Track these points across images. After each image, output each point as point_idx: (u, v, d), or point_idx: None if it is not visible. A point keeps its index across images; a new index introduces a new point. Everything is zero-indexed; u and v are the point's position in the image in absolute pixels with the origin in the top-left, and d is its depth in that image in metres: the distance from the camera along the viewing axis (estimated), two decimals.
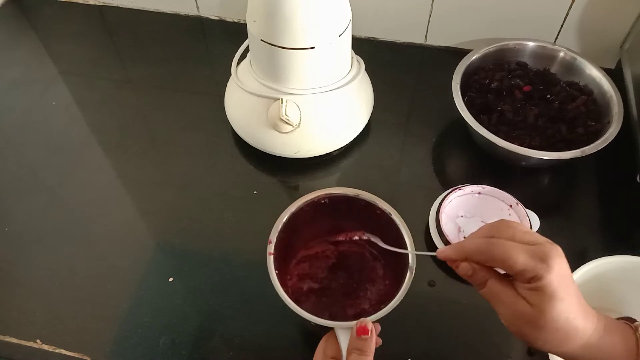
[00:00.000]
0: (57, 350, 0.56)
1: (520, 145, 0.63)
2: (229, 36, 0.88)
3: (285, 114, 0.63)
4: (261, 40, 0.61)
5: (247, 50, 0.69)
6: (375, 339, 0.42)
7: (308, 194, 0.52)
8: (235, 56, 0.72)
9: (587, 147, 0.62)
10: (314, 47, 0.60)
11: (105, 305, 0.59)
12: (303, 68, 0.62)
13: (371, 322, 0.43)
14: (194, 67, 0.84)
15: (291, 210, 0.52)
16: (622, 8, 0.73)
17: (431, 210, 0.64)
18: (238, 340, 0.57)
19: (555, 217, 0.66)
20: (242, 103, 0.69)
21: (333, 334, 0.45)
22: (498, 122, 0.68)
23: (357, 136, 0.71)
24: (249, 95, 0.67)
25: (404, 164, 0.72)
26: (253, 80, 0.67)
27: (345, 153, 0.72)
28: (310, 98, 0.65)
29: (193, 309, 0.59)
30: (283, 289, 0.47)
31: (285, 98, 0.63)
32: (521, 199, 0.62)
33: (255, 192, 0.68)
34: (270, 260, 0.48)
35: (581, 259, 0.52)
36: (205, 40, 0.90)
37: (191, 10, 0.91)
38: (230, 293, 0.60)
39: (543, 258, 0.36)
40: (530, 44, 0.74)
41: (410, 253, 0.49)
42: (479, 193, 0.64)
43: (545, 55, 0.74)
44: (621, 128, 0.64)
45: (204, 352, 0.56)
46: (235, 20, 0.91)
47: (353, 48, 0.69)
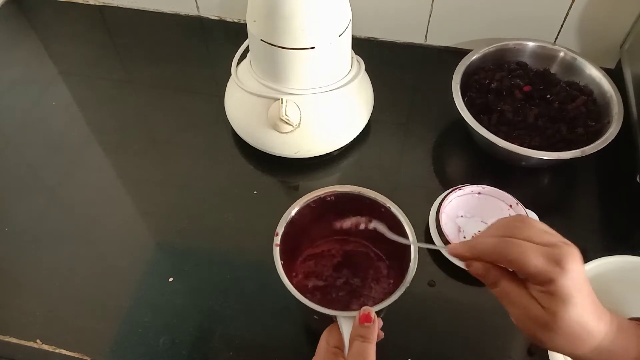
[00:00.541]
0: (57, 350, 0.56)
1: (520, 145, 0.63)
2: (229, 36, 0.88)
3: (285, 114, 0.63)
4: (261, 40, 0.61)
5: (247, 50, 0.69)
6: (377, 328, 0.42)
7: (314, 191, 0.52)
8: (235, 56, 0.72)
9: (587, 147, 0.62)
10: (314, 47, 0.60)
11: (105, 305, 0.59)
12: (303, 68, 0.62)
13: (374, 311, 0.43)
14: (194, 67, 0.84)
15: (298, 206, 0.52)
16: (622, 8, 0.73)
17: (431, 211, 0.64)
18: (238, 340, 0.57)
19: (555, 217, 0.66)
20: (242, 103, 0.69)
21: (335, 326, 0.45)
22: (498, 122, 0.68)
23: (357, 136, 0.71)
24: (249, 95, 0.67)
25: (404, 164, 0.72)
26: (253, 80, 0.67)
27: (345, 153, 0.72)
28: (310, 98, 0.65)
29: (193, 309, 0.59)
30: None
31: (285, 98, 0.63)
32: (521, 199, 0.62)
33: (255, 192, 0.68)
34: (277, 252, 0.48)
35: None
36: (205, 40, 0.90)
37: (191, 10, 0.91)
38: (230, 293, 0.60)
39: (558, 261, 0.35)
40: (530, 44, 0.74)
41: (415, 245, 0.48)
42: (479, 193, 0.64)
43: (545, 55, 0.74)
44: (621, 128, 0.64)
45: (204, 352, 0.56)
46: (235, 20, 0.91)
47: (353, 48, 0.69)
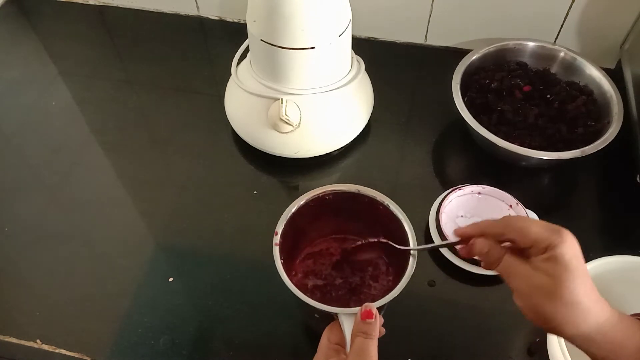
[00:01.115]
0: (57, 350, 0.56)
1: (520, 145, 0.63)
2: (229, 36, 0.88)
3: (285, 114, 0.63)
4: (261, 40, 0.61)
5: (247, 50, 0.69)
6: (379, 324, 0.43)
7: (312, 190, 0.53)
8: (235, 56, 0.72)
9: (587, 147, 0.62)
10: (314, 47, 0.60)
11: (105, 305, 0.59)
12: (303, 68, 0.62)
13: (375, 308, 0.43)
14: (194, 67, 0.84)
15: (296, 205, 0.52)
16: (622, 8, 0.73)
17: (431, 210, 0.64)
18: (238, 340, 0.57)
19: (555, 217, 0.65)
20: (242, 103, 0.69)
21: (336, 323, 0.45)
22: (498, 122, 0.68)
23: (357, 136, 0.71)
24: (249, 95, 0.67)
25: (404, 164, 0.72)
26: (253, 80, 0.67)
27: (345, 153, 0.72)
28: (310, 98, 0.65)
29: (193, 309, 0.59)
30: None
31: (285, 98, 0.63)
32: (521, 199, 0.62)
33: (255, 192, 0.68)
34: (276, 251, 0.48)
35: None
36: (205, 40, 0.90)
37: (191, 10, 0.91)
38: (230, 293, 0.60)
39: (557, 230, 0.37)
40: (530, 44, 0.74)
41: (423, 249, 0.48)
42: (479, 193, 0.64)
43: (545, 55, 0.74)
44: (621, 128, 0.64)
45: (204, 352, 0.56)
46: (235, 20, 0.91)
47: (353, 48, 0.69)
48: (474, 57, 0.72)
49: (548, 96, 0.71)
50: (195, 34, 0.90)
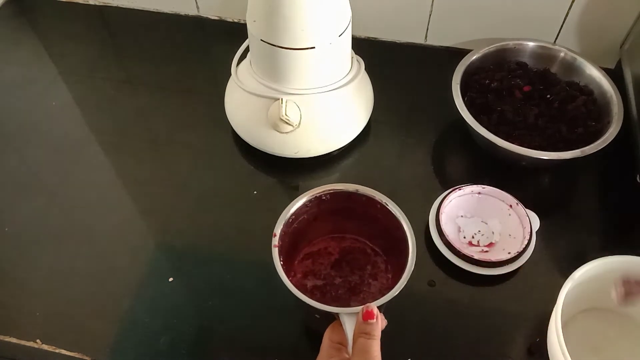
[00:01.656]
0: (57, 350, 0.56)
1: (520, 145, 0.63)
2: (229, 36, 0.88)
3: (285, 114, 0.63)
4: (261, 40, 0.61)
5: (247, 50, 0.69)
6: (381, 323, 0.43)
7: (310, 191, 0.53)
8: (235, 56, 0.72)
9: (587, 147, 0.62)
10: (314, 47, 0.60)
11: (105, 305, 0.59)
12: (303, 68, 0.62)
13: (376, 307, 0.43)
14: (194, 67, 0.84)
15: (294, 206, 0.52)
16: (622, 8, 0.73)
17: (431, 211, 0.64)
18: (238, 340, 0.57)
19: (555, 217, 0.66)
20: (242, 103, 0.69)
21: (337, 323, 0.45)
22: (498, 122, 0.68)
23: (357, 136, 0.71)
24: (249, 95, 0.67)
25: (404, 164, 0.72)
26: (253, 80, 0.67)
27: (345, 153, 0.72)
28: (310, 98, 0.65)
29: (193, 309, 0.59)
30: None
31: (285, 98, 0.63)
32: (521, 199, 0.62)
33: (255, 192, 0.68)
34: (275, 252, 0.49)
35: (581, 259, 0.52)
36: (205, 40, 0.90)
37: (191, 10, 0.91)
38: (230, 293, 0.60)
39: None
40: (530, 44, 0.74)
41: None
42: (479, 193, 0.64)
43: (545, 55, 0.74)
44: (621, 128, 0.64)
45: (204, 352, 0.56)
46: (235, 20, 0.91)
47: (353, 48, 0.69)
48: (474, 57, 0.72)
49: (548, 96, 0.71)
50: (195, 34, 0.90)
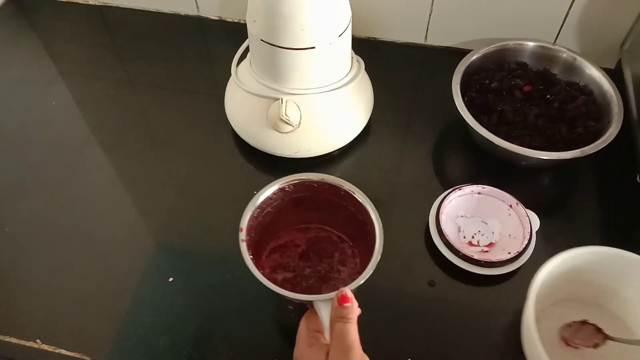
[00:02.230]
0: (57, 350, 0.56)
1: (520, 145, 0.63)
2: (229, 36, 0.88)
3: (285, 114, 0.63)
4: (261, 40, 0.61)
5: (247, 50, 0.69)
6: (356, 306, 0.43)
7: (273, 182, 0.54)
8: (235, 56, 0.72)
9: (587, 147, 0.62)
10: (314, 47, 0.60)
11: (105, 305, 0.59)
12: (303, 68, 0.62)
13: (350, 291, 0.44)
14: (194, 67, 0.84)
15: (259, 199, 0.53)
16: (622, 8, 0.73)
17: (431, 211, 0.64)
18: (238, 340, 0.57)
19: (555, 217, 0.66)
20: (242, 103, 0.69)
21: (312, 312, 0.46)
22: (498, 122, 0.68)
23: (357, 136, 0.71)
24: (249, 95, 0.67)
25: (404, 164, 0.72)
26: (253, 80, 0.67)
27: (345, 153, 0.72)
28: (310, 98, 0.65)
29: (193, 309, 0.59)
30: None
31: (285, 98, 0.63)
32: (521, 199, 0.62)
33: (255, 192, 0.68)
34: (244, 247, 0.50)
35: None
36: (205, 40, 0.90)
37: (191, 10, 0.91)
38: (230, 293, 0.60)
39: None
40: (530, 44, 0.74)
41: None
42: (479, 193, 0.64)
43: (545, 55, 0.74)
44: (621, 128, 0.64)
45: (204, 352, 0.56)
46: (235, 20, 0.91)
47: (353, 48, 0.69)
48: (474, 57, 0.72)
49: (548, 96, 0.71)
50: (195, 34, 0.90)
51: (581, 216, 0.66)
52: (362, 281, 0.47)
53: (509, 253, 0.59)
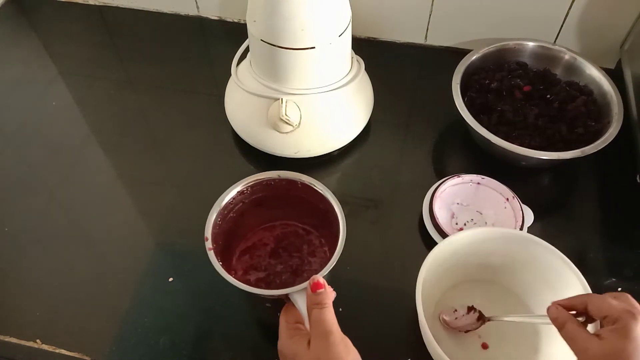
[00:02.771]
0: (57, 350, 0.56)
1: (520, 145, 0.63)
2: (229, 36, 0.88)
3: (285, 114, 0.63)
4: (261, 40, 0.61)
5: (247, 50, 0.69)
6: (330, 291, 0.44)
7: (229, 188, 0.55)
8: (235, 56, 0.72)
9: (587, 147, 0.62)
10: (314, 47, 0.60)
11: (105, 305, 0.59)
12: (303, 68, 0.62)
13: (322, 277, 0.44)
14: (194, 67, 0.84)
15: (219, 206, 0.54)
16: (622, 8, 0.73)
17: (427, 193, 0.65)
18: (238, 340, 0.57)
19: (555, 217, 0.66)
20: (242, 103, 0.69)
21: (289, 305, 0.47)
22: (498, 122, 0.68)
23: (357, 136, 0.71)
24: (249, 95, 0.67)
25: (404, 164, 0.72)
26: (253, 80, 0.67)
27: (345, 153, 0.72)
28: (310, 98, 0.65)
29: (193, 309, 0.59)
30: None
31: (285, 98, 0.63)
32: (521, 199, 0.62)
33: None
34: (212, 255, 0.51)
35: (581, 259, 0.52)
36: (205, 40, 0.90)
37: (191, 10, 0.91)
38: (230, 293, 0.60)
39: (631, 312, 0.40)
40: (530, 44, 0.74)
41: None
42: (478, 183, 0.64)
43: (545, 55, 0.74)
44: (621, 128, 0.64)
45: (204, 352, 0.56)
46: (235, 20, 0.91)
47: (353, 48, 0.69)
48: (474, 57, 0.72)
49: (548, 96, 0.71)
50: (195, 34, 0.90)
51: (581, 216, 0.66)
52: (331, 267, 0.48)
53: None
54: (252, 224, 0.60)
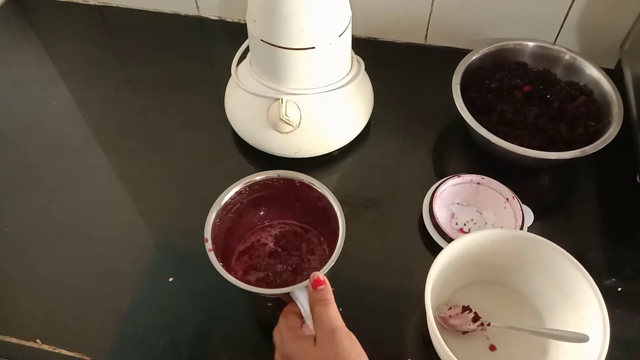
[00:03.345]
0: (57, 350, 0.56)
1: (520, 145, 0.63)
2: (229, 36, 0.88)
3: (285, 114, 0.63)
4: (261, 40, 0.61)
5: (247, 50, 0.69)
6: (330, 288, 0.45)
7: (227, 188, 0.55)
8: (235, 56, 0.72)
9: (587, 147, 0.62)
10: (314, 47, 0.60)
11: (105, 305, 0.59)
12: (303, 68, 0.62)
13: (322, 274, 0.45)
14: (194, 67, 0.84)
15: (218, 207, 0.54)
16: (622, 8, 0.73)
17: (427, 193, 0.65)
18: (238, 340, 0.57)
19: (554, 217, 0.66)
20: (242, 103, 0.69)
21: (289, 308, 0.48)
22: (498, 122, 0.68)
23: (357, 136, 0.71)
24: (249, 95, 0.67)
25: (404, 164, 0.72)
26: (253, 80, 0.67)
27: (345, 153, 0.72)
28: (310, 98, 0.65)
29: (193, 309, 0.59)
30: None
31: (285, 98, 0.63)
32: (521, 199, 0.62)
33: None
34: (212, 256, 0.51)
35: (581, 259, 0.52)
36: (205, 40, 0.90)
37: (191, 10, 0.91)
38: (230, 293, 0.60)
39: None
40: (530, 44, 0.74)
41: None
42: (478, 183, 0.64)
43: (545, 55, 0.74)
44: (621, 128, 0.64)
45: (204, 352, 0.56)
46: (235, 20, 0.91)
47: (353, 48, 0.69)
48: (474, 57, 0.72)
49: (548, 96, 0.71)
50: (195, 34, 0.90)
51: (581, 216, 0.66)
52: (332, 264, 0.48)
53: None
54: (251, 224, 0.60)
